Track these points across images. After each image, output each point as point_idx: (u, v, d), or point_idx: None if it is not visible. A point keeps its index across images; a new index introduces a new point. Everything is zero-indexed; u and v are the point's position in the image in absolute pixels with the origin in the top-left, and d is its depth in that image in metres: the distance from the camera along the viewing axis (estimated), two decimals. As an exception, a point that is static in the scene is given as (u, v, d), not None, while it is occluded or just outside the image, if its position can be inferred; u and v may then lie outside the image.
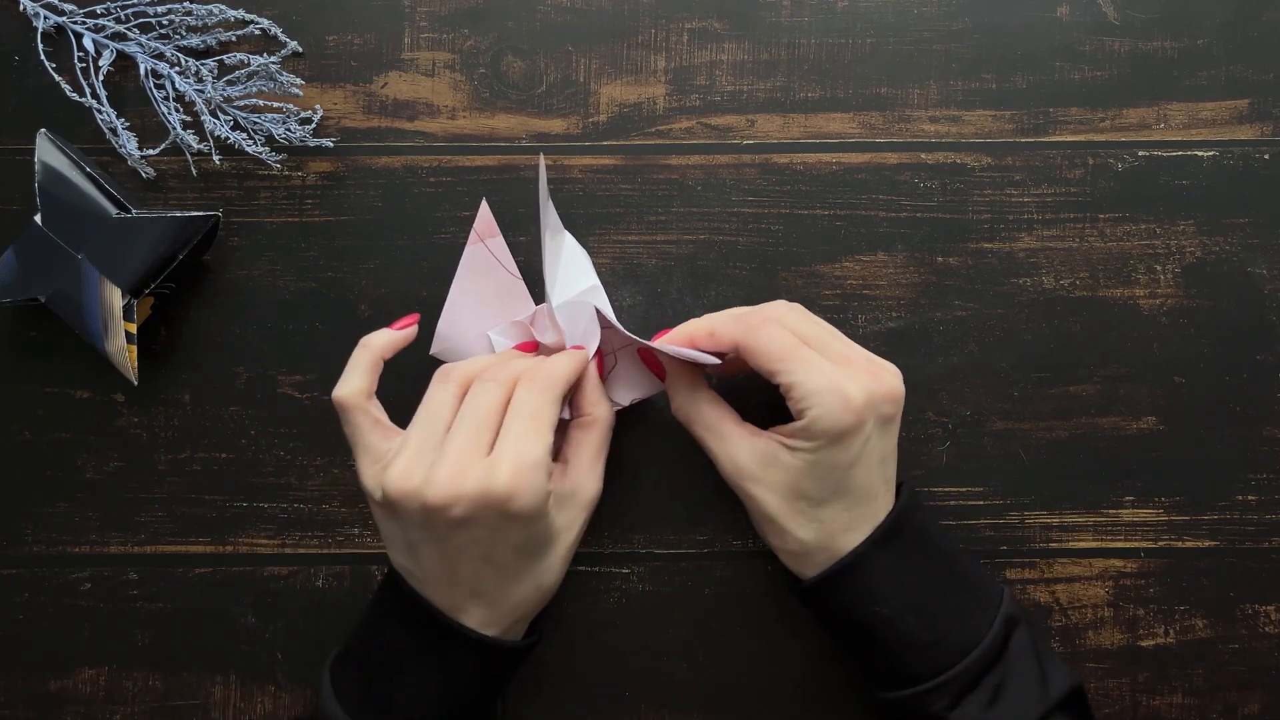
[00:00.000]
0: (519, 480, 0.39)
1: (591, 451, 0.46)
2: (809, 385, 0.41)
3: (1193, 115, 0.51)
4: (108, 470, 0.51)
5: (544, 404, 0.41)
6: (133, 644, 0.50)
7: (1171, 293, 0.51)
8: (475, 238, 0.46)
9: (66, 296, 0.47)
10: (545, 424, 0.41)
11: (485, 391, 0.42)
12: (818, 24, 0.51)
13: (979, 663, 0.42)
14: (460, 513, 0.39)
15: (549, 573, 0.44)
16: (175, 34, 0.50)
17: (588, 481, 0.45)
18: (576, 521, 0.44)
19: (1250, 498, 0.50)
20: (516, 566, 0.42)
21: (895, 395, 0.43)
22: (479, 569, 0.41)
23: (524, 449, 0.40)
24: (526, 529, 0.41)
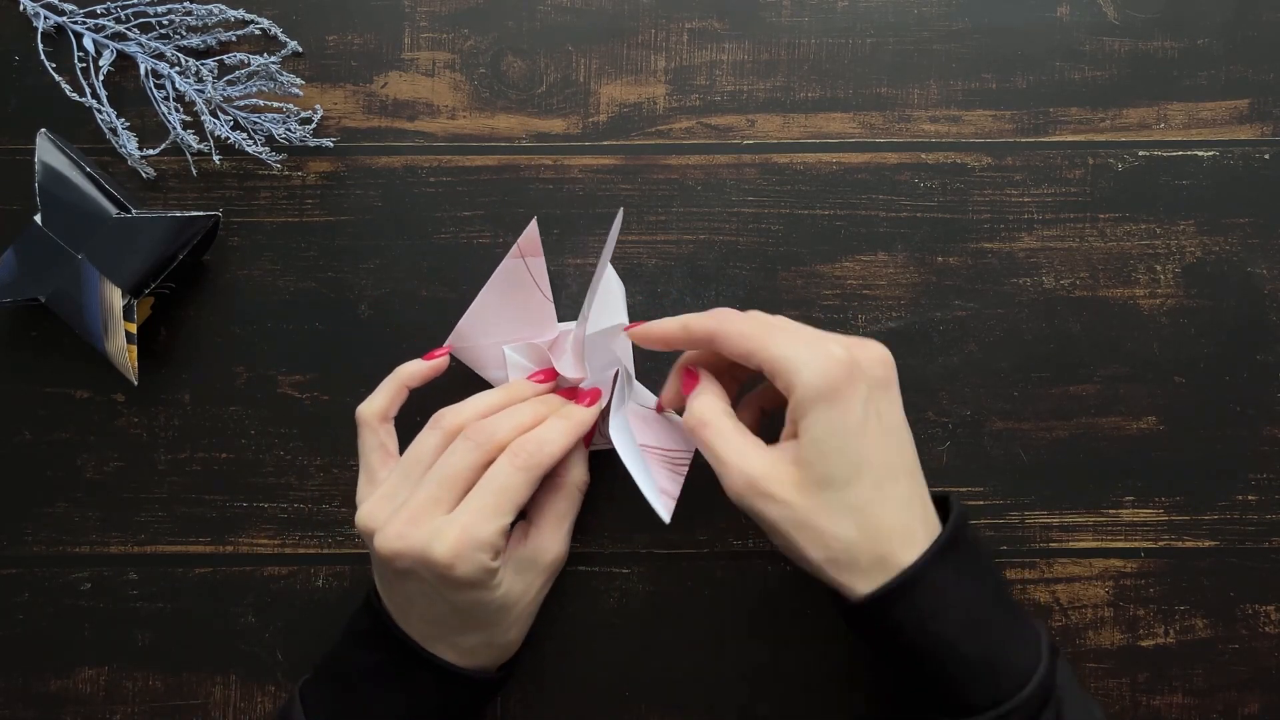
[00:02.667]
0: (459, 554, 0.40)
1: (557, 515, 0.45)
2: (789, 352, 0.39)
3: (1193, 115, 0.51)
4: (108, 470, 0.51)
5: (517, 484, 0.41)
6: (133, 644, 0.50)
7: (1171, 293, 0.51)
8: (517, 252, 0.46)
9: (66, 296, 0.47)
10: (509, 503, 0.41)
11: (463, 452, 0.42)
12: (818, 24, 0.51)
13: (1038, 692, 0.39)
14: (403, 566, 0.41)
15: (505, 633, 0.44)
16: (175, 34, 0.50)
17: (550, 545, 0.45)
18: (534, 585, 0.45)
19: (1250, 498, 0.50)
20: (464, 625, 0.43)
21: (882, 357, 0.40)
22: (431, 615, 0.42)
23: (475, 525, 0.40)
24: (467, 596, 0.41)
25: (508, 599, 0.43)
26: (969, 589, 0.39)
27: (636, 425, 0.46)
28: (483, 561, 0.40)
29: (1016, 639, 0.40)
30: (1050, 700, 0.39)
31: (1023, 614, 0.42)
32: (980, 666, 0.39)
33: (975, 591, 0.40)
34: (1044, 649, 0.40)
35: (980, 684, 0.39)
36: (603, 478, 0.49)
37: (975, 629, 0.39)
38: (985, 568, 0.41)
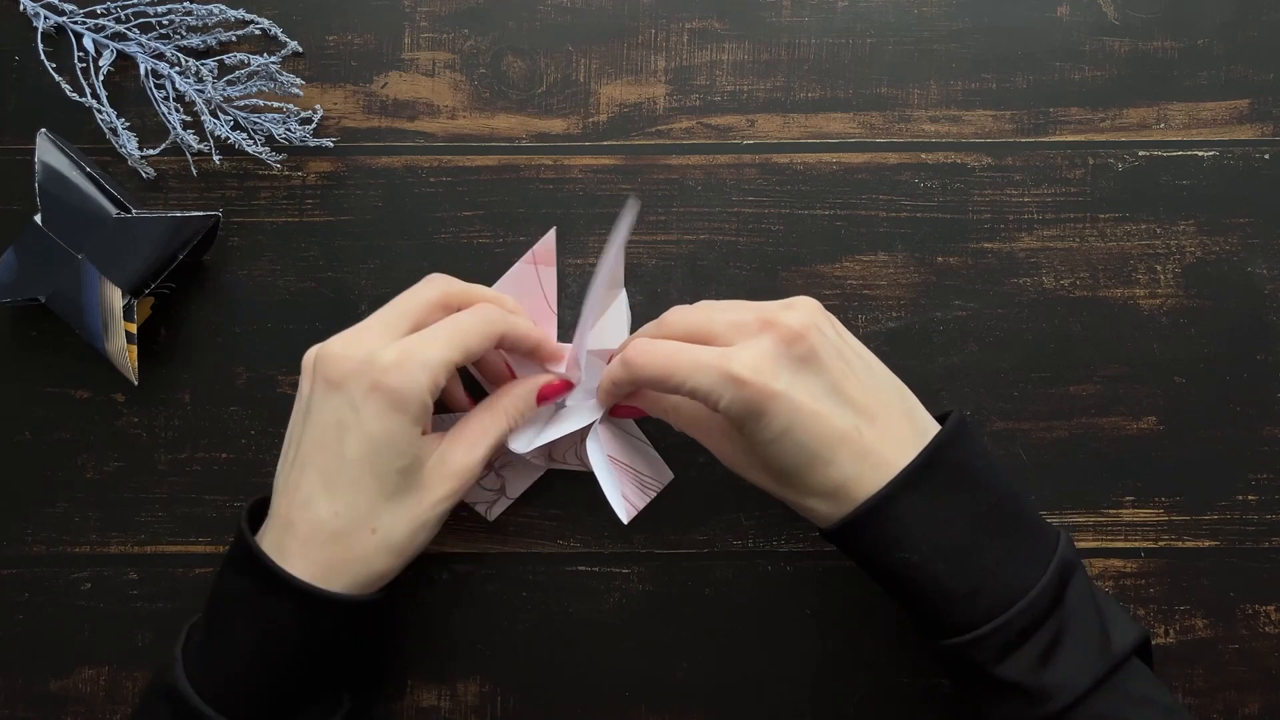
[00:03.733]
0: (401, 365, 0.39)
1: (478, 429, 0.43)
2: (702, 386, 0.39)
3: (1193, 115, 0.51)
4: (108, 470, 0.51)
5: (474, 327, 0.41)
6: (133, 644, 0.50)
7: (1171, 293, 0.51)
8: (531, 258, 0.46)
9: (66, 296, 0.47)
10: (461, 341, 0.40)
11: (424, 288, 0.42)
12: (818, 24, 0.51)
13: (1026, 613, 0.38)
14: (335, 375, 0.40)
15: (395, 522, 0.40)
16: (175, 34, 0.50)
17: (464, 454, 0.42)
18: (440, 489, 0.41)
19: (1250, 498, 0.50)
20: (364, 476, 0.40)
21: (795, 332, 0.39)
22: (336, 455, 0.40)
23: (422, 347, 0.40)
24: (388, 423, 0.39)
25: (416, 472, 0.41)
26: (942, 514, 0.39)
27: (614, 441, 0.47)
28: (421, 379, 0.39)
29: (1010, 560, 0.39)
30: (1047, 620, 0.38)
31: (1029, 530, 0.40)
32: (955, 590, 0.39)
33: (954, 515, 0.39)
34: (1050, 569, 0.39)
35: (957, 608, 0.39)
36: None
37: (951, 553, 0.39)
38: (973, 489, 0.40)
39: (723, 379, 0.38)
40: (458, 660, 0.50)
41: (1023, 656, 0.38)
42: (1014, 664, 0.38)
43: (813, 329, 0.39)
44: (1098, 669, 0.38)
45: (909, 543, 0.39)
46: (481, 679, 0.50)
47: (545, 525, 0.50)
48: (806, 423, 0.39)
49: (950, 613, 0.39)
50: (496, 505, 0.50)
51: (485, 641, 0.50)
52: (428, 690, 0.50)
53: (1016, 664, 0.38)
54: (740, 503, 0.50)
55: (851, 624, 0.50)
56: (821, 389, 0.39)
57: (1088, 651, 0.38)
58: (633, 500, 0.46)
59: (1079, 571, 0.40)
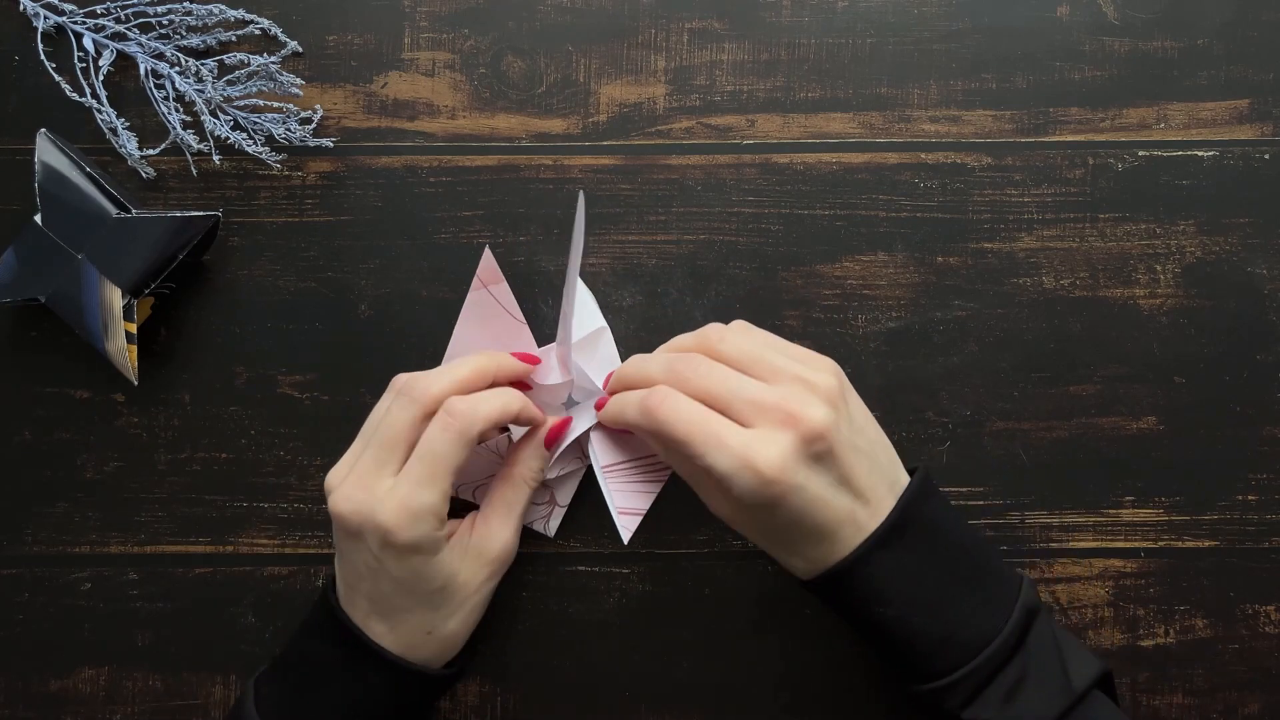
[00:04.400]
0: (400, 521, 0.41)
1: (505, 505, 0.46)
2: (720, 467, 0.39)
3: (1193, 115, 0.51)
4: (108, 470, 0.51)
5: (447, 449, 0.41)
6: (133, 644, 0.50)
7: (1171, 293, 0.51)
8: (478, 283, 0.47)
9: (66, 296, 0.47)
10: (443, 469, 0.41)
11: (398, 409, 0.42)
12: (818, 24, 0.51)
13: (993, 659, 0.41)
14: (351, 528, 0.41)
15: (447, 621, 0.44)
16: (175, 34, 0.50)
17: (497, 534, 0.45)
18: (480, 574, 0.45)
19: (1250, 498, 0.50)
20: (406, 603, 0.43)
21: (816, 432, 0.40)
22: (376, 592, 0.43)
23: (413, 494, 0.41)
24: (408, 565, 0.42)
25: (452, 581, 0.43)
26: (914, 569, 0.41)
27: (607, 444, 0.47)
28: (423, 529, 0.41)
29: (976, 610, 0.42)
30: (1010, 663, 0.41)
31: (994, 576, 0.43)
32: (928, 640, 0.41)
33: (922, 570, 0.41)
34: (1015, 614, 0.41)
35: (933, 656, 0.41)
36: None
37: (923, 606, 0.41)
38: (940, 543, 0.42)
39: (744, 468, 0.39)
40: (458, 660, 0.50)
41: (989, 697, 0.41)
42: (981, 705, 0.41)
43: (833, 429, 0.40)
44: (1059, 704, 0.41)
45: (885, 597, 0.41)
46: (481, 679, 0.50)
47: (545, 525, 0.50)
48: (814, 510, 0.40)
49: (923, 662, 0.42)
50: (553, 518, 0.50)
51: (485, 641, 0.50)
52: (428, 690, 0.50)
53: (984, 705, 0.41)
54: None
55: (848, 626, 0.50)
56: (832, 480, 0.41)
57: (1049, 689, 0.41)
58: (635, 506, 0.46)
59: (1040, 614, 0.43)
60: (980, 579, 0.42)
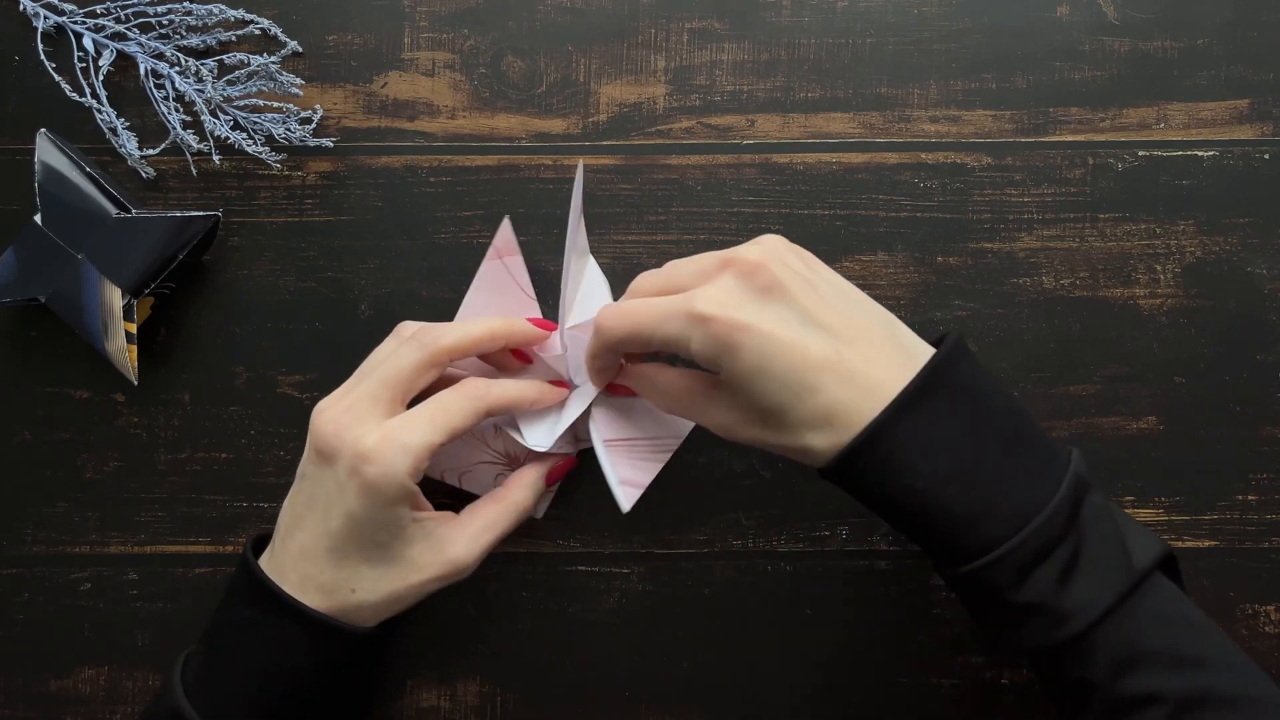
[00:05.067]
0: (380, 450, 0.40)
1: (483, 521, 0.44)
2: (669, 334, 0.38)
3: (1193, 115, 0.51)
4: (108, 470, 0.51)
5: (459, 407, 0.41)
6: (133, 644, 0.50)
7: (1171, 293, 0.51)
8: (494, 254, 0.47)
9: (66, 296, 0.47)
10: (444, 422, 0.41)
11: (407, 352, 0.42)
12: (818, 24, 0.51)
13: (1041, 532, 0.36)
14: (327, 450, 0.41)
15: (373, 588, 0.42)
16: (175, 34, 0.50)
17: (458, 543, 0.43)
18: (428, 568, 0.42)
19: (1250, 498, 0.50)
20: (347, 545, 0.41)
21: (753, 263, 0.38)
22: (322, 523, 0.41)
23: (404, 431, 0.40)
24: (366, 504, 0.40)
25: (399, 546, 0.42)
26: (945, 436, 0.37)
27: (610, 420, 0.46)
28: (400, 465, 0.40)
29: (1020, 480, 0.37)
30: (1063, 538, 0.37)
31: (1038, 447, 0.39)
32: (964, 515, 0.37)
33: (955, 437, 0.37)
34: (1064, 486, 0.37)
35: (968, 532, 0.37)
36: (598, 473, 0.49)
37: (956, 477, 0.37)
38: (976, 408, 0.38)
39: (688, 320, 0.38)
40: (458, 660, 0.50)
41: (1040, 577, 0.37)
42: (1032, 586, 0.37)
43: (773, 260, 0.39)
44: (1120, 585, 0.37)
45: (912, 469, 0.37)
46: (481, 679, 0.50)
47: (545, 525, 0.50)
48: (781, 352, 0.37)
49: (962, 539, 0.37)
50: (543, 501, 0.49)
51: (485, 641, 0.50)
52: (428, 690, 0.50)
53: (1034, 585, 0.37)
54: (740, 503, 0.50)
55: (852, 624, 0.50)
56: (792, 317, 0.38)
57: (1108, 569, 0.37)
58: (635, 479, 0.45)
59: (1094, 488, 0.38)
60: (1022, 449, 0.38)
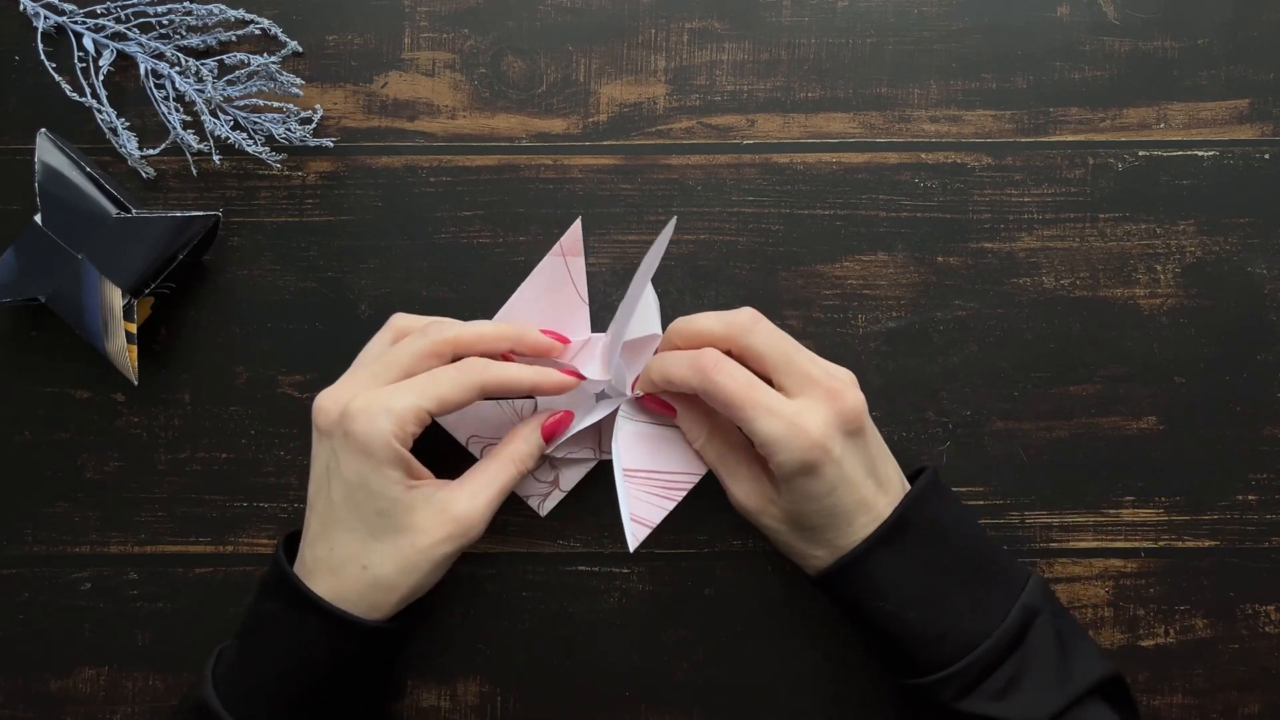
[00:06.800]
0: (364, 410, 0.41)
1: (482, 477, 0.44)
2: (767, 432, 0.42)
3: (1193, 115, 0.51)
4: (108, 470, 0.51)
5: (451, 377, 0.42)
6: (133, 644, 0.50)
7: (1171, 293, 0.51)
8: (559, 250, 0.47)
9: (66, 296, 0.47)
10: (435, 390, 0.42)
11: (410, 343, 0.44)
12: (818, 24, 0.51)
13: (988, 655, 0.42)
14: (324, 423, 0.42)
15: (384, 560, 0.42)
16: (175, 34, 0.50)
17: (462, 499, 0.43)
18: (437, 531, 0.42)
19: (1250, 498, 0.50)
20: (349, 518, 0.42)
21: (854, 413, 0.43)
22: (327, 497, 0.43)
23: (392, 394, 0.41)
24: (358, 467, 0.41)
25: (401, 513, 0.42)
26: (912, 567, 0.43)
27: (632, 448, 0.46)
28: (383, 425, 0.41)
29: (975, 607, 0.43)
30: (1006, 661, 0.42)
31: (996, 576, 0.44)
32: (924, 635, 0.43)
33: (920, 568, 0.43)
34: (1013, 613, 0.43)
35: (925, 651, 0.43)
36: (605, 477, 0.49)
37: (919, 602, 0.43)
38: (942, 543, 0.44)
39: (793, 432, 0.41)
40: (458, 660, 0.50)
41: (983, 692, 0.42)
42: (975, 698, 0.42)
43: (864, 412, 0.43)
44: (1057, 702, 0.42)
45: (882, 592, 0.43)
46: (481, 679, 0.50)
47: (545, 525, 0.50)
48: (845, 488, 0.43)
49: (920, 655, 0.43)
50: (550, 499, 0.49)
51: (485, 641, 0.50)
52: (428, 690, 0.50)
53: (977, 699, 0.42)
54: (740, 503, 0.50)
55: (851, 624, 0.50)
56: (861, 462, 0.43)
57: (1045, 688, 0.42)
58: (648, 518, 0.46)
59: (1043, 614, 0.43)
60: (981, 579, 0.44)
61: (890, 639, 0.44)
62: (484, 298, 0.50)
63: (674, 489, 0.47)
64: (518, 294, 0.48)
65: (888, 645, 0.44)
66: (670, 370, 0.44)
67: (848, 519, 0.43)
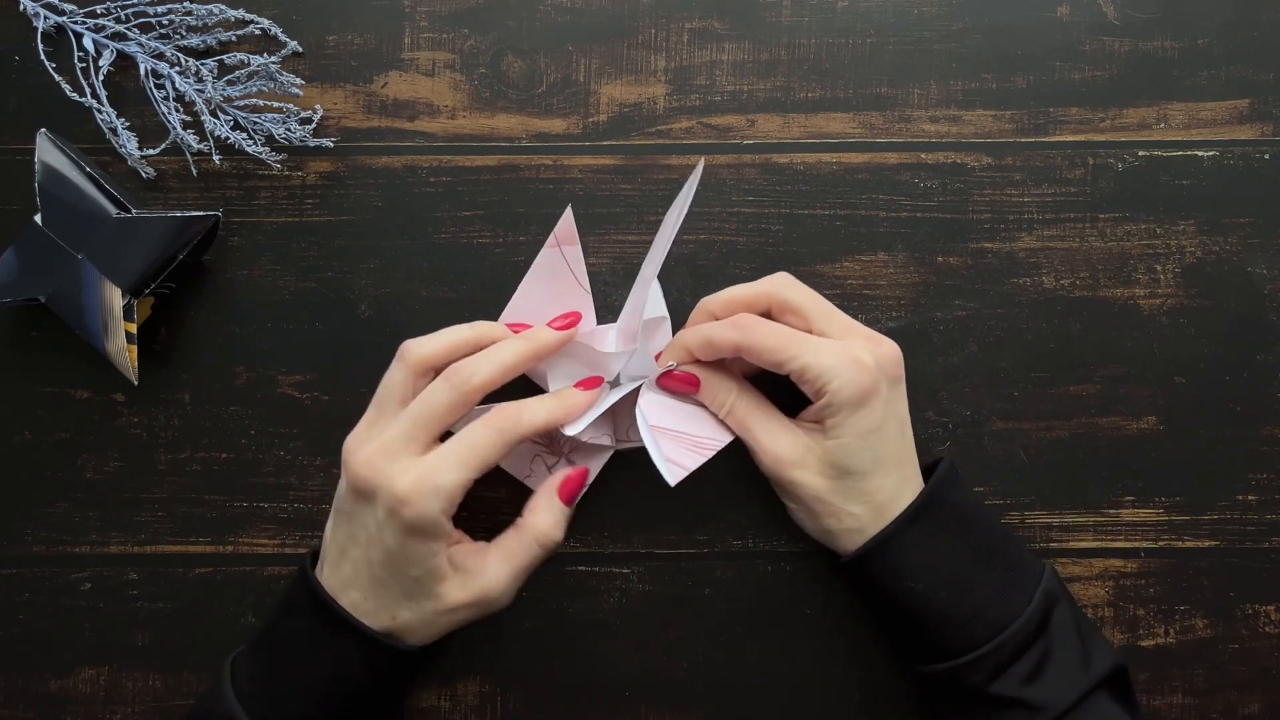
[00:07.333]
0: (417, 491, 0.41)
1: (508, 552, 0.44)
2: (820, 363, 0.42)
3: (1193, 115, 0.51)
4: (108, 470, 0.51)
5: (489, 441, 0.42)
6: (133, 644, 0.50)
7: (1171, 293, 0.51)
8: (554, 241, 0.47)
9: (66, 296, 0.47)
10: (476, 459, 0.42)
11: (440, 392, 0.43)
12: (818, 24, 0.51)
13: (1016, 637, 0.42)
14: (364, 490, 0.42)
15: (411, 618, 0.43)
16: (175, 34, 0.50)
17: (490, 572, 0.44)
18: (459, 595, 0.43)
19: (1250, 498, 0.50)
20: (386, 577, 0.43)
21: (897, 357, 0.44)
22: (364, 556, 0.43)
23: (439, 471, 0.41)
24: (404, 541, 0.42)
25: (435, 580, 0.43)
26: (942, 548, 0.43)
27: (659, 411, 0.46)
28: (434, 507, 0.41)
29: (1002, 590, 0.43)
30: (1032, 644, 0.43)
31: (1016, 563, 0.44)
32: (954, 617, 0.43)
33: (950, 550, 0.43)
34: (1036, 598, 0.43)
35: (955, 633, 0.43)
36: (604, 477, 0.49)
37: (949, 583, 0.43)
38: (966, 527, 0.44)
39: (846, 360, 0.42)
40: (458, 660, 0.50)
41: (1012, 675, 0.42)
42: (1005, 682, 0.42)
43: (902, 364, 0.45)
44: (1082, 686, 0.42)
45: (915, 573, 0.43)
46: (481, 679, 0.50)
47: (545, 525, 0.50)
48: (892, 431, 0.44)
49: (948, 639, 0.43)
50: None
51: (485, 641, 0.50)
52: (428, 690, 0.50)
53: (1007, 682, 0.42)
54: (740, 503, 0.50)
55: (851, 624, 0.50)
56: (900, 413, 0.44)
57: (1070, 672, 0.43)
58: (681, 461, 0.44)
59: (1062, 601, 0.44)
60: (1002, 563, 0.44)
61: (919, 622, 0.43)
62: (484, 298, 0.50)
63: (703, 449, 0.46)
64: (519, 291, 0.48)
65: (916, 629, 0.44)
66: (710, 332, 0.44)
67: (888, 469, 0.43)
